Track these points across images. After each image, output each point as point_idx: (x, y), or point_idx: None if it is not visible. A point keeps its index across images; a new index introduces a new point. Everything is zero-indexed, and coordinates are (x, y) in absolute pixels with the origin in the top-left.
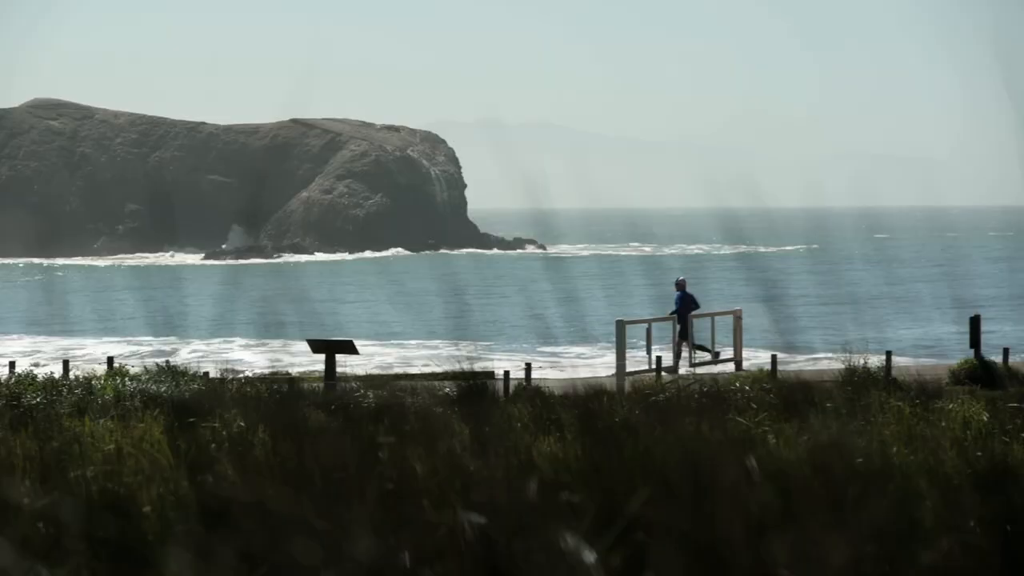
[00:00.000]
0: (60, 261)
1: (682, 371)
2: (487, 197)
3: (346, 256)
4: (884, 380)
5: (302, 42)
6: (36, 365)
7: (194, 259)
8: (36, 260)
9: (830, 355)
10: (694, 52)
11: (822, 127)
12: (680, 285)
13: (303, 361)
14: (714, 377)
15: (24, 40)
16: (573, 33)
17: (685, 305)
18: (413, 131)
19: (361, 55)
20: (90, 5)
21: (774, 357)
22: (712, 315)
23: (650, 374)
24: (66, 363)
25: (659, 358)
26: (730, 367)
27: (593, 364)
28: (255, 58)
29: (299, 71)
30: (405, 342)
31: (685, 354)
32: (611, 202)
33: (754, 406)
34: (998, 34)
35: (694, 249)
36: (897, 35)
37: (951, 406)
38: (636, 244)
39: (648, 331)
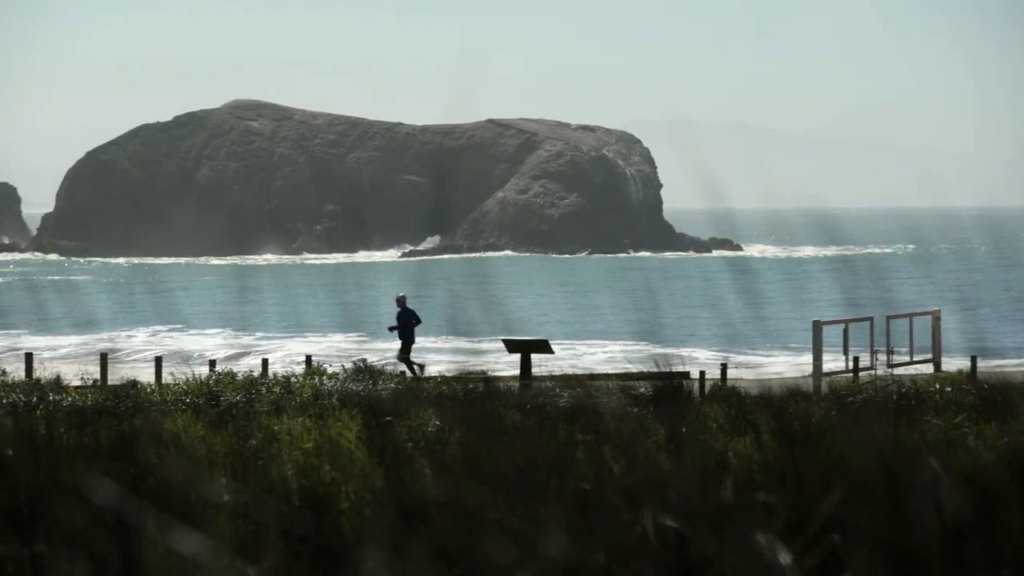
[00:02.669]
0: (259, 260)
1: (880, 371)
2: (676, 197)
3: (541, 255)
4: None
5: (497, 44)
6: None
7: (390, 256)
8: (235, 259)
9: None
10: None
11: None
12: (400, 302)
13: (498, 360)
14: (912, 378)
15: (228, 41)
16: (752, 33)
17: (405, 320)
18: (608, 131)
19: (557, 55)
20: (286, 6)
21: (974, 358)
22: (911, 316)
23: (846, 375)
24: (265, 361)
25: (856, 359)
26: (928, 368)
27: (789, 365)
28: (445, 59)
29: (497, 72)
30: (600, 342)
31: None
32: (799, 201)
33: (952, 408)
34: None
35: (881, 249)
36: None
37: None
38: (826, 245)
39: (845, 332)
